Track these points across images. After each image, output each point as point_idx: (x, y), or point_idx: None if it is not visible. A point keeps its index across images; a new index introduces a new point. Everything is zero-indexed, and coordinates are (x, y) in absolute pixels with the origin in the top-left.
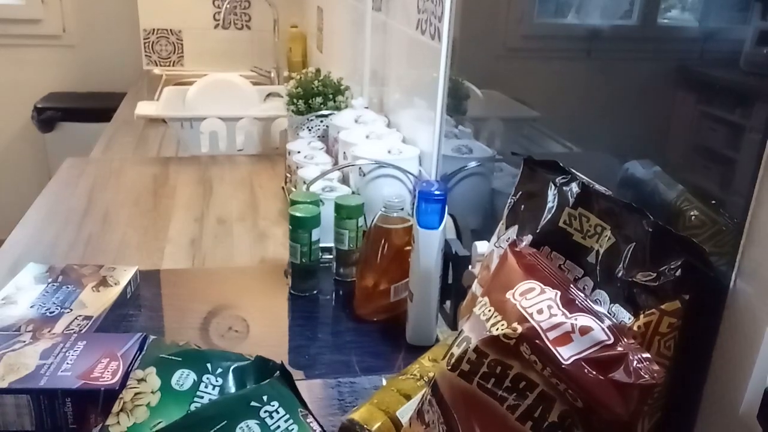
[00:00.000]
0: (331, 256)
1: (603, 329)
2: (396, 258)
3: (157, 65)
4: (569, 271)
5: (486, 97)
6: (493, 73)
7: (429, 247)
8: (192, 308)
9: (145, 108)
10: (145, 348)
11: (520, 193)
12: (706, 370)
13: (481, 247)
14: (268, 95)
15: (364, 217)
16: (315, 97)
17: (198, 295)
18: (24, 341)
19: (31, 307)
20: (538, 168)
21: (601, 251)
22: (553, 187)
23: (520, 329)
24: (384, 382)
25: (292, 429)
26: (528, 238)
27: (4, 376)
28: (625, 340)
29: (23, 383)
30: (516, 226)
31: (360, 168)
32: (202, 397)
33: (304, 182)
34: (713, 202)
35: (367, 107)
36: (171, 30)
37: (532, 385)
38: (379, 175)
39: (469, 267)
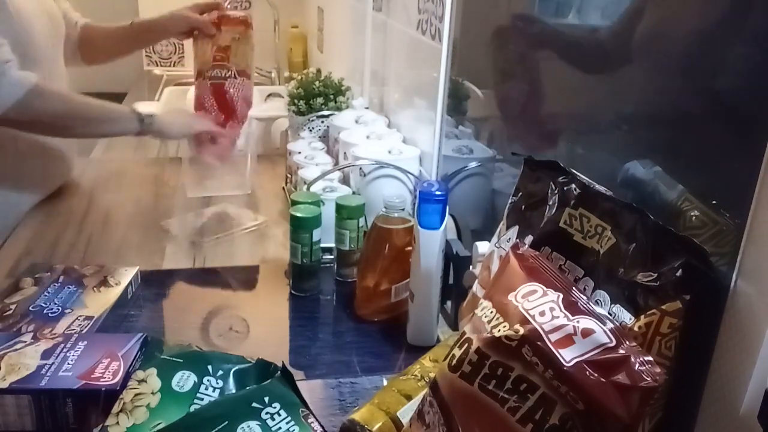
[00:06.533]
0: (331, 257)
1: (605, 332)
2: (397, 258)
3: (157, 65)
4: (570, 271)
5: (486, 97)
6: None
7: (430, 247)
8: (192, 308)
9: (145, 108)
10: (145, 349)
11: (521, 193)
12: (706, 370)
13: (482, 247)
14: (269, 95)
15: (365, 218)
16: (316, 97)
17: (198, 295)
18: (25, 341)
19: (32, 307)
20: (539, 168)
21: (602, 251)
22: (553, 187)
23: (522, 331)
24: (385, 383)
25: (293, 430)
26: (529, 239)
27: (5, 377)
28: (627, 342)
29: (24, 383)
30: (516, 227)
31: (360, 168)
32: (202, 399)
33: (305, 182)
34: (714, 202)
35: (367, 107)
36: None
37: (534, 387)
38: (379, 176)
39: (470, 267)
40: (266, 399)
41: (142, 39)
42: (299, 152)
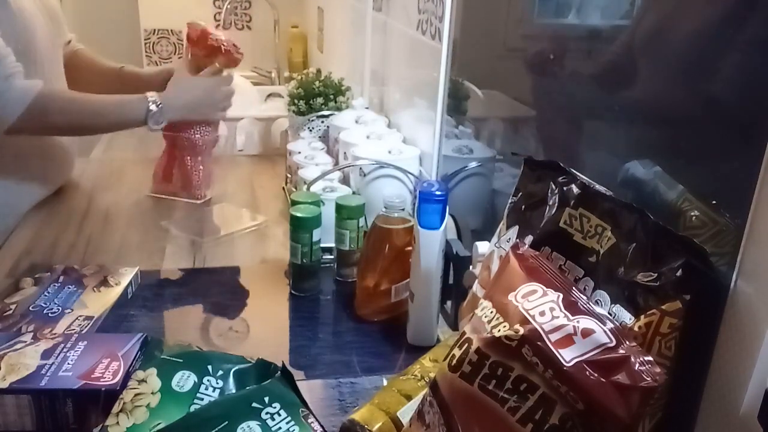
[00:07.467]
0: (331, 257)
1: (605, 332)
2: (397, 258)
3: (157, 65)
4: (570, 271)
5: (486, 97)
6: (493, 73)
7: (430, 247)
8: (192, 308)
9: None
10: (145, 349)
11: (521, 193)
12: (706, 370)
13: (482, 247)
14: (269, 95)
15: (365, 218)
16: (316, 97)
17: (198, 295)
18: (25, 341)
19: (32, 307)
20: (539, 168)
21: (602, 251)
22: (553, 187)
23: (522, 331)
24: (385, 383)
25: (293, 430)
26: (529, 239)
27: (5, 377)
28: (627, 342)
29: (24, 383)
30: (516, 227)
31: (360, 168)
32: (202, 399)
33: (305, 182)
34: (714, 202)
35: (367, 107)
36: (171, 30)
37: (534, 387)
38: (379, 176)
39: (470, 267)
40: (266, 399)
41: (129, 88)
42: (299, 152)
